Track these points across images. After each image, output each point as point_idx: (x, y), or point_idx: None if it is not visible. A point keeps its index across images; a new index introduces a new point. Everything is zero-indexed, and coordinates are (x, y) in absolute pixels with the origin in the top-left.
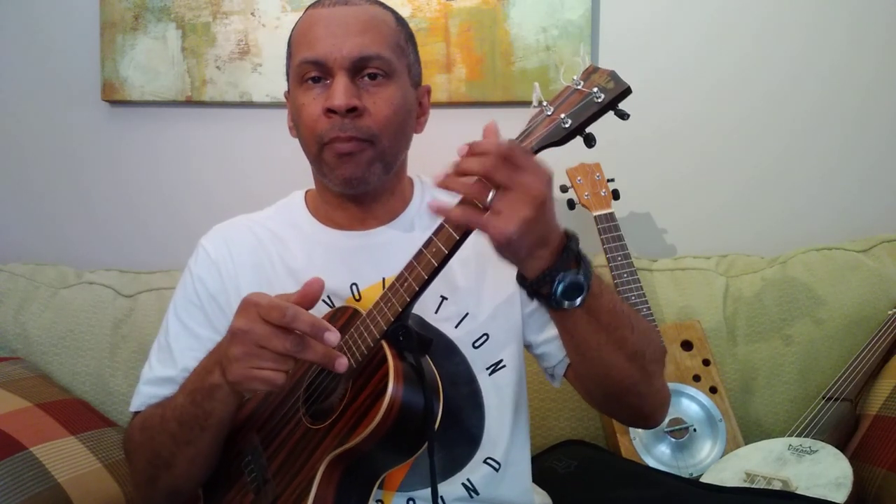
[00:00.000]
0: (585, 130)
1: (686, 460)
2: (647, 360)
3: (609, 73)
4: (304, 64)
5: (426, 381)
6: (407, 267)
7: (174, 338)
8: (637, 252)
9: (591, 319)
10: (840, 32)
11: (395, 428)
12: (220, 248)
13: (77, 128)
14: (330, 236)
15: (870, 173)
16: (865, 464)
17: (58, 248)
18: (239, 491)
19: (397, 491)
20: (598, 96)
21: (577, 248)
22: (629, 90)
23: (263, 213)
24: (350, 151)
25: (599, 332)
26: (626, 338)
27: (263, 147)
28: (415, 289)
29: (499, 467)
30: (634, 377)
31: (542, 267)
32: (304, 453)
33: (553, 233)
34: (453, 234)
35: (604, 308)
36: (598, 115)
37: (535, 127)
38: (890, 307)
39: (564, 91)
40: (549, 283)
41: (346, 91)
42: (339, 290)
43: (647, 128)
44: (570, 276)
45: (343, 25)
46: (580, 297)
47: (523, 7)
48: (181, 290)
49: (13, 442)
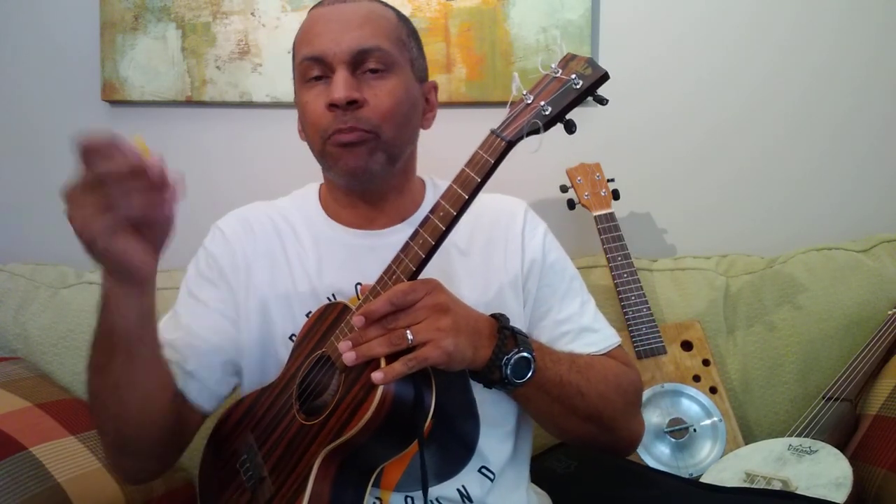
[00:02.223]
0: (566, 117)
1: (686, 460)
2: (604, 419)
3: (586, 59)
4: (304, 61)
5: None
6: (395, 260)
7: (182, 305)
8: (637, 252)
9: (541, 393)
10: (839, 31)
11: (389, 420)
12: (235, 230)
13: (77, 128)
14: (339, 234)
15: (870, 173)
16: (865, 464)
17: (58, 248)
18: (235, 490)
19: (394, 490)
20: (576, 83)
21: (510, 327)
22: (607, 76)
23: (280, 202)
24: (351, 141)
25: (552, 404)
26: (577, 406)
27: (264, 147)
28: (403, 280)
29: (493, 478)
30: (592, 433)
31: (486, 356)
32: (300, 450)
33: (480, 322)
34: (440, 225)
35: (551, 381)
36: (577, 101)
37: (515, 116)
38: (890, 307)
39: (543, 80)
40: (497, 368)
41: (346, 84)
42: (343, 289)
43: (647, 128)
44: (513, 354)
45: (342, 21)
46: (530, 371)
47: (523, 7)
48: (194, 266)
49: (13, 442)
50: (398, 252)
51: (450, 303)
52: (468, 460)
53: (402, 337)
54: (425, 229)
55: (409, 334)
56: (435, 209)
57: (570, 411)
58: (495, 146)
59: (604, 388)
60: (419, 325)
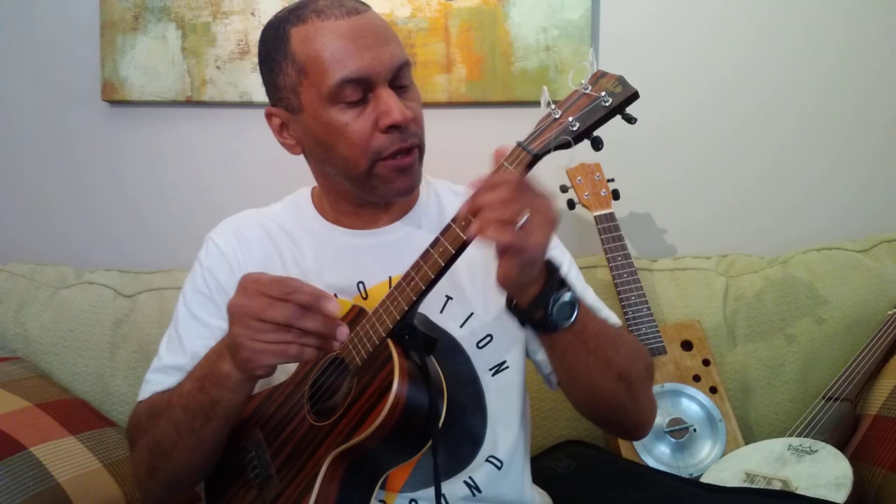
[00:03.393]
0: (593, 134)
1: (686, 460)
2: (633, 380)
3: (617, 77)
4: (345, 84)
5: (431, 379)
6: (414, 266)
7: (184, 327)
8: (637, 252)
9: (579, 342)
10: (839, 33)
11: (400, 425)
12: (230, 241)
13: (77, 128)
14: (338, 235)
15: (870, 173)
16: (865, 464)
17: (58, 248)
18: (242, 487)
19: (399, 492)
20: (605, 100)
21: (559, 272)
22: (637, 95)
23: (272, 209)
24: (410, 164)
25: (588, 355)
26: (612, 358)
27: (263, 147)
28: (421, 288)
29: (501, 465)
30: (621, 396)
31: (535, 292)
32: (308, 450)
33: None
34: (460, 234)
35: (590, 331)
36: (605, 119)
37: (543, 129)
38: (890, 307)
39: (573, 95)
40: (543, 306)
41: (399, 103)
42: (346, 289)
43: (647, 128)
44: (562, 296)
45: (371, 36)
46: (573, 314)
47: (523, 7)
48: (191, 282)
49: (13, 442)
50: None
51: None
52: (476, 454)
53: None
54: (446, 237)
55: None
56: (456, 219)
57: (605, 365)
58: (521, 159)
59: (633, 345)
60: (533, 218)
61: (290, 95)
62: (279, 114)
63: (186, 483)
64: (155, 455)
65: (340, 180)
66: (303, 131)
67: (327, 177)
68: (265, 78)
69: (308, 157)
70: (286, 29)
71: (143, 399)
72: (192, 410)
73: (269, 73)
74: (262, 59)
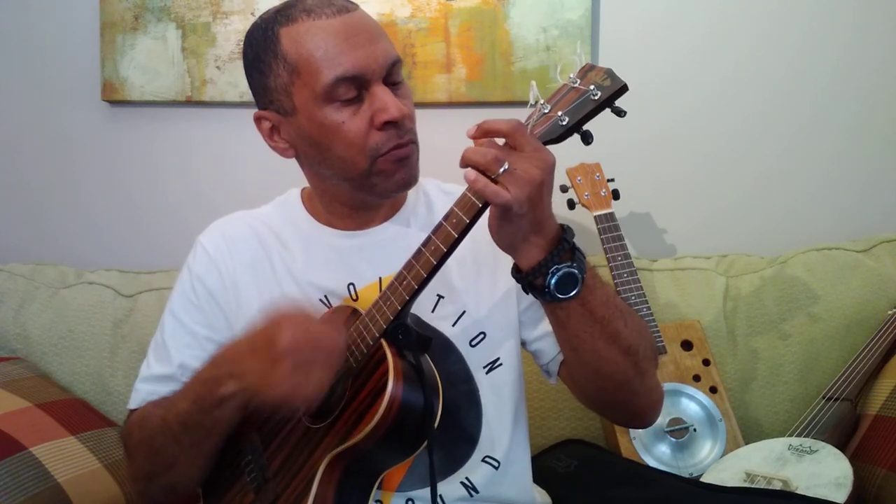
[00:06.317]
0: (583, 128)
1: (686, 460)
2: (640, 357)
3: (605, 70)
4: (339, 82)
5: (426, 379)
6: (406, 265)
7: (170, 335)
8: (637, 252)
9: (585, 312)
10: (839, 33)
11: (395, 426)
12: (218, 246)
13: (77, 128)
14: (327, 236)
15: (870, 173)
16: (865, 464)
17: (58, 248)
18: (239, 491)
19: (396, 491)
20: (594, 94)
21: (572, 241)
22: (626, 87)
23: (262, 210)
24: (408, 155)
25: (593, 325)
26: (620, 331)
27: (263, 147)
28: (414, 287)
29: (498, 465)
30: (628, 373)
31: (537, 258)
32: (305, 452)
33: (549, 220)
34: (452, 232)
35: (598, 301)
36: (595, 113)
37: (532, 125)
38: (890, 307)
39: (561, 89)
40: (542, 274)
41: (394, 100)
42: (336, 290)
43: (647, 128)
44: (563, 268)
45: (364, 34)
46: (574, 289)
47: (523, 7)
48: (178, 289)
49: (13, 442)
50: (408, 260)
51: (545, 180)
52: (472, 453)
53: (492, 163)
54: (438, 235)
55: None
56: (448, 216)
57: (613, 338)
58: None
59: (641, 325)
60: (515, 169)
61: (281, 97)
62: (270, 117)
63: (186, 488)
64: (154, 464)
65: (337, 181)
66: (296, 133)
67: (322, 178)
68: (253, 81)
69: (301, 160)
70: (275, 30)
71: (134, 408)
72: (193, 428)
73: (258, 75)
74: (249, 62)
